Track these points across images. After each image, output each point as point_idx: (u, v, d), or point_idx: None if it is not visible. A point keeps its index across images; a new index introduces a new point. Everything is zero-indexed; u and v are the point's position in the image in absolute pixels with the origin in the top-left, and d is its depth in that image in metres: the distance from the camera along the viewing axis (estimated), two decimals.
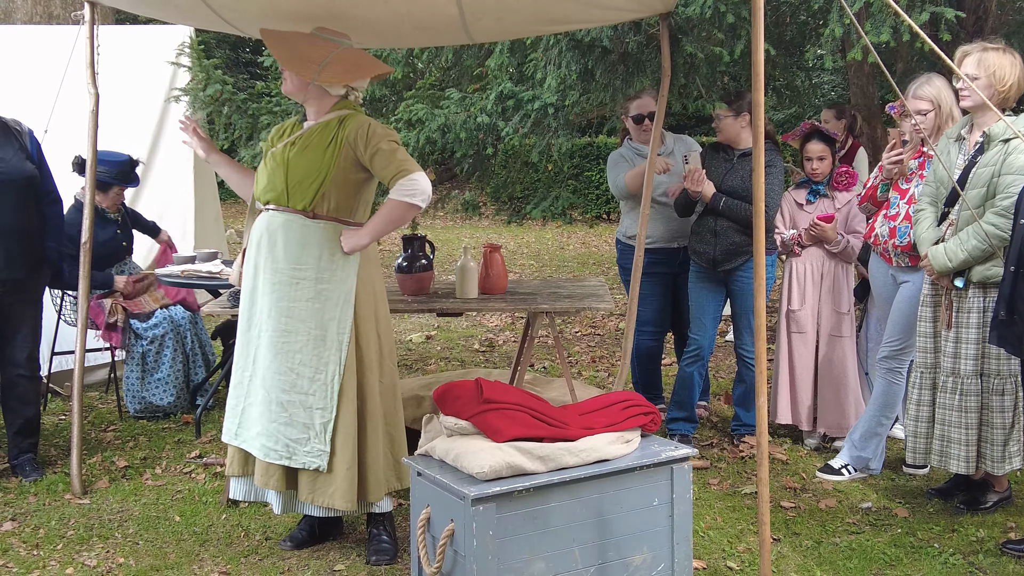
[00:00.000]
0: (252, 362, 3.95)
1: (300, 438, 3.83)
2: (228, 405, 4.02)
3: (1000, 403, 4.16)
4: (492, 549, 3.07)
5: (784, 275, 5.40)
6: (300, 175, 3.83)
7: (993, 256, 4.06)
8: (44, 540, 4.21)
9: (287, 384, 3.85)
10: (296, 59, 3.84)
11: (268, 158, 3.96)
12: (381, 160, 3.80)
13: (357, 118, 3.89)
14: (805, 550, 4.09)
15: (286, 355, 3.85)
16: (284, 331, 3.85)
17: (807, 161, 5.31)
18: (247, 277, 3.97)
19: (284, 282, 3.85)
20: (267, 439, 3.86)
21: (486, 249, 5.03)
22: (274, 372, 3.86)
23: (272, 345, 3.86)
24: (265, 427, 3.87)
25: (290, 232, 3.86)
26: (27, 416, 5.01)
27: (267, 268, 3.88)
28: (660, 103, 4.83)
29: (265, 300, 3.89)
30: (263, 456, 3.88)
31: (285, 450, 3.84)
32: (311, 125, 3.93)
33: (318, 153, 3.83)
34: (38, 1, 9.11)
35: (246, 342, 3.97)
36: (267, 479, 3.89)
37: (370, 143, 3.80)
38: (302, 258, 3.85)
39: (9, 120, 4.88)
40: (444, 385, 3.52)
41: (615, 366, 7.26)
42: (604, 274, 11.69)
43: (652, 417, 3.56)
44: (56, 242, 5.05)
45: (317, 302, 3.85)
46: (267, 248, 3.88)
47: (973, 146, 4.23)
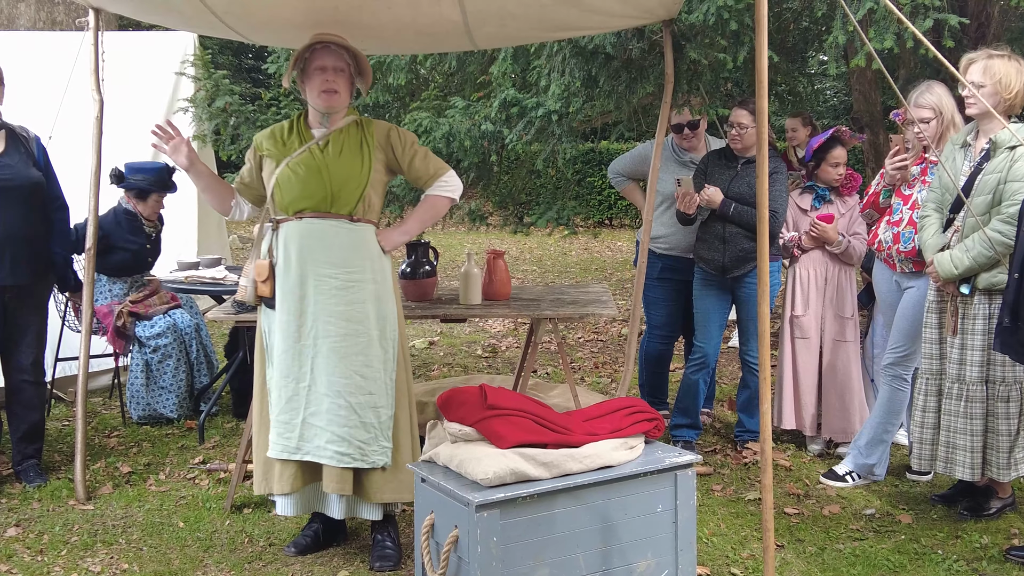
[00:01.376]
0: (309, 372, 3.89)
1: (368, 438, 3.88)
2: (279, 420, 3.91)
3: (1006, 410, 4.16)
4: (496, 555, 3.07)
5: (788, 280, 5.40)
6: (342, 180, 3.86)
7: (999, 263, 4.05)
8: (48, 546, 4.22)
9: (353, 387, 3.87)
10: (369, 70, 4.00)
11: (293, 166, 3.88)
12: (420, 161, 4.04)
13: (376, 122, 4.04)
14: (809, 556, 4.09)
15: (349, 358, 3.86)
16: (345, 335, 3.86)
17: (833, 167, 5.30)
18: (289, 288, 3.88)
19: (340, 287, 3.85)
20: (339, 445, 3.86)
21: (489, 255, 5.04)
22: (339, 377, 3.86)
23: (335, 351, 3.85)
24: (336, 433, 3.85)
25: (337, 238, 3.87)
26: (31, 422, 5.02)
27: (318, 275, 3.85)
28: (663, 110, 4.82)
29: (319, 308, 3.86)
30: (337, 463, 3.86)
31: (358, 452, 3.87)
32: (328, 131, 3.94)
33: (355, 158, 3.89)
34: (42, 7, 9.13)
35: (297, 352, 3.89)
36: (342, 484, 3.88)
37: (407, 146, 4.02)
38: (356, 262, 3.88)
39: (16, 127, 4.90)
40: (448, 391, 3.52)
41: (618, 372, 7.26)
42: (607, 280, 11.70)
43: (656, 423, 3.56)
44: (62, 248, 5.05)
45: (373, 303, 3.91)
46: (313, 256, 3.85)
47: (979, 153, 4.23)
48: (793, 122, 7.04)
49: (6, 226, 4.71)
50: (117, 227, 5.90)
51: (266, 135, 4.05)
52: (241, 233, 15.87)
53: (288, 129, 4.01)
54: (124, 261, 5.98)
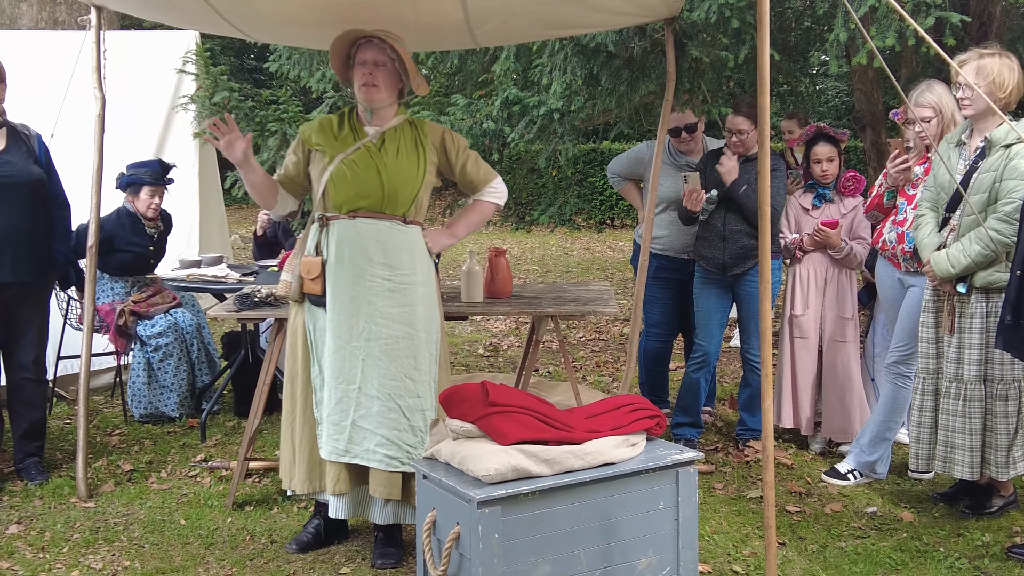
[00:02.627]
0: (359, 374, 3.85)
1: (415, 442, 3.86)
2: (330, 421, 3.88)
3: (1004, 408, 4.16)
4: (498, 552, 3.07)
5: (788, 280, 5.39)
6: (400, 182, 3.84)
7: (996, 261, 4.06)
8: (50, 543, 4.22)
9: (403, 390, 3.85)
10: (414, 67, 3.90)
11: (348, 163, 3.84)
12: (473, 165, 4.06)
13: (429, 123, 4.03)
14: (811, 554, 4.09)
15: (401, 361, 3.85)
16: (397, 337, 3.85)
17: (815, 164, 5.28)
18: (343, 287, 3.83)
19: (393, 289, 3.84)
20: (389, 449, 3.84)
21: (491, 253, 5.04)
22: (390, 380, 3.84)
23: (386, 353, 3.83)
24: (386, 436, 3.83)
25: (391, 239, 3.85)
26: (33, 419, 5.02)
27: (373, 276, 3.82)
28: (664, 108, 4.83)
29: (373, 308, 3.83)
30: (386, 467, 3.84)
31: (406, 456, 3.84)
32: (382, 129, 3.91)
33: (411, 159, 3.88)
34: (44, 7, 9.13)
35: (348, 354, 3.85)
36: (390, 489, 3.86)
37: (460, 150, 4.02)
38: (409, 264, 3.87)
39: (17, 125, 4.90)
40: (450, 388, 3.52)
41: (619, 371, 7.26)
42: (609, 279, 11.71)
43: (657, 420, 3.56)
44: (63, 246, 5.06)
45: (423, 305, 3.90)
46: (366, 256, 3.82)
47: (974, 151, 4.23)
48: (789, 123, 7.15)
49: (7, 223, 4.71)
50: (120, 228, 5.91)
51: (315, 128, 3.98)
52: (242, 233, 15.87)
53: (339, 123, 3.95)
54: (126, 262, 6.00)
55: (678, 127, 5.50)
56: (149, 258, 6.12)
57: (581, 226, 18.58)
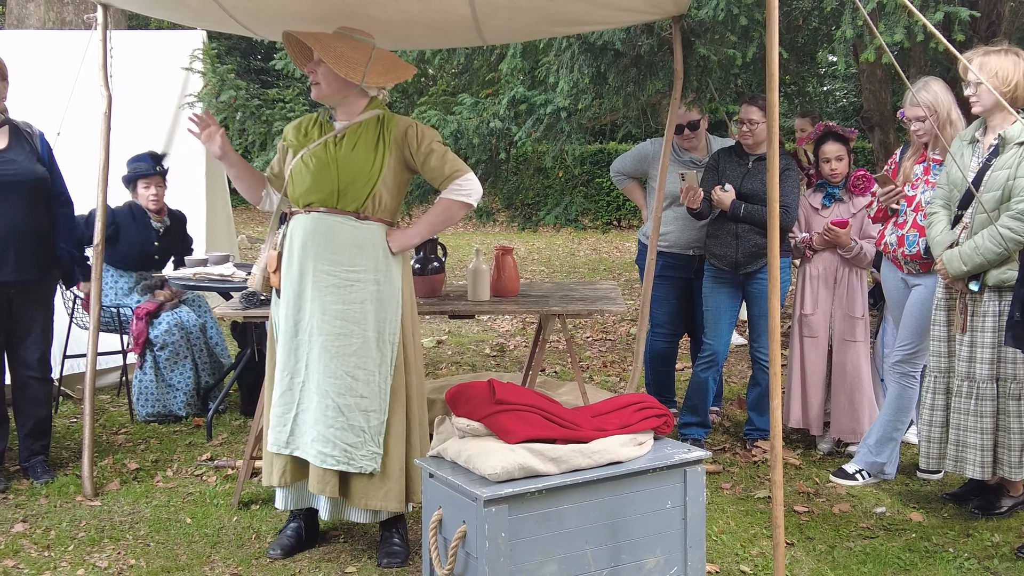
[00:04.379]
0: (304, 368, 3.86)
1: (356, 442, 3.81)
2: (274, 414, 3.90)
3: (1017, 408, 4.13)
4: (504, 551, 3.05)
5: (798, 279, 5.37)
6: (352, 176, 3.80)
7: (1008, 259, 4.03)
8: (55, 541, 4.21)
9: (343, 388, 3.81)
10: (343, 61, 3.78)
11: (306, 158, 3.86)
12: (435, 160, 3.88)
13: (399, 118, 3.94)
14: (819, 554, 4.06)
15: (341, 359, 3.81)
16: (339, 334, 3.81)
17: (824, 163, 5.26)
18: (290, 281, 3.87)
19: (338, 285, 3.81)
20: (324, 445, 3.81)
21: (498, 251, 5.02)
22: (329, 376, 3.81)
23: (327, 349, 3.81)
24: (321, 433, 3.81)
25: (342, 234, 3.82)
26: (38, 418, 5.01)
27: (317, 271, 3.81)
28: (672, 106, 4.81)
29: (316, 304, 3.82)
30: (320, 463, 3.81)
31: (343, 455, 3.80)
32: (347, 124, 3.89)
33: (367, 153, 3.83)
34: (51, 7, 9.15)
35: (294, 348, 3.87)
36: (323, 486, 3.83)
37: (422, 143, 3.88)
38: (358, 260, 3.82)
39: (20, 123, 4.90)
40: (457, 386, 3.51)
41: (627, 371, 7.24)
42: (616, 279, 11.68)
43: (665, 419, 3.54)
44: (67, 243, 5.05)
45: (372, 304, 3.84)
46: (315, 251, 3.81)
47: (987, 148, 4.20)
48: (802, 122, 7.14)
49: (9, 222, 4.71)
50: (130, 220, 5.97)
51: (293, 125, 4.03)
52: (249, 233, 15.89)
53: (313, 121, 3.98)
54: (129, 254, 6.01)
55: (681, 124, 5.48)
56: (154, 254, 6.11)
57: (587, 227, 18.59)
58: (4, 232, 4.70)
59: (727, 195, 5.08)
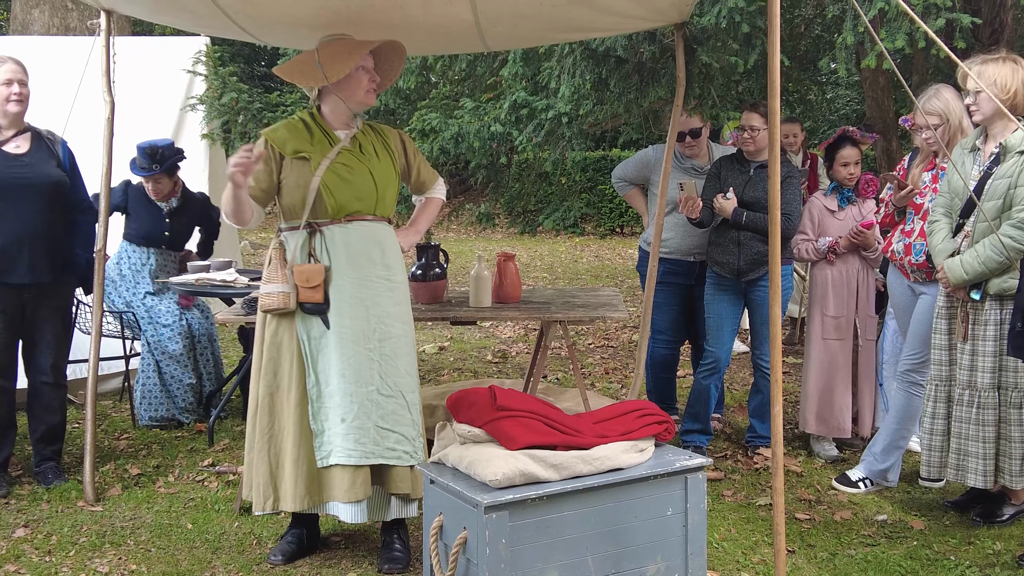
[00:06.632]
0: (377, 375, 3.85)
1: (415, 435, 3.95)
2: (353, 426, 3.79)
3: (1018, 416, 4.12)
4: (505, 557, 3.05)
5: (817, 283, 5.36)
6: (385, 183, 3.93)
7: (1010, 268, 4.03)
8: (57, 547, 4.21)
9: (411, 386, 3.96)
10: (299, 75, 3.87)
11: (338, 169, 3.80)
12: (425, 166, 4.23)
13: (385, 127, 4.11)
14: (820, 562, 4.06)
15: (405, 358, 3.95)
16: (400, 336, 3.94)
17: (842, 167, 5.32)
18: (351, 292, 3.81)
19: (392, 288, 3.93)
20: (405, 445, 3.90)
21: (500, 258, 5.02)
22: (400, 377, 3.91)
23: (395, 352, 3.91)
24: (403, 433, 3.90)
25: (386, 240, 3.94)
26: (50, 424, 5.02)
27: (375, 277, 3.88)
28: (674, 113, 4.81)
29: (381, 310, 3.88)
30: (407, 462, 3.89)
31: (413, 449, 3.93)
32: (351, 132, 3.94)
33: (387, 160, 3.97)
34: (55, 13, 9.17)
35: (364, 357, 3.83)
36: (413, 484, 3.92)
37: (415, 152, 4.18)
38: (395, 263, 3.96)
39: (43, 131, 4.93)
40: (458, 392, 3.50)
41: (628, 378, 7.24)
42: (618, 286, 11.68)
43: (666, 426, 3.54)
44: (86, 251, 5.02)
45: (405, 304, 4.01)
46: (368, 259, 3.87)
47: (988, 157, 4.20)
48: (790, 127, 7.21)
49: (23, 225, 4.72)
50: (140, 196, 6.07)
51: (285, 135, 3.86)
52: (253, 239, 15.90)
53: (306, 128, 3.89)
54: (140, 229, 6.08)
55: (683, 131, 5.48)
56: (164, 230, 6.11)
57: (590, 233, 18.61)
58: (19, 234, 4.72)
59: (729, 203, 5.09)
